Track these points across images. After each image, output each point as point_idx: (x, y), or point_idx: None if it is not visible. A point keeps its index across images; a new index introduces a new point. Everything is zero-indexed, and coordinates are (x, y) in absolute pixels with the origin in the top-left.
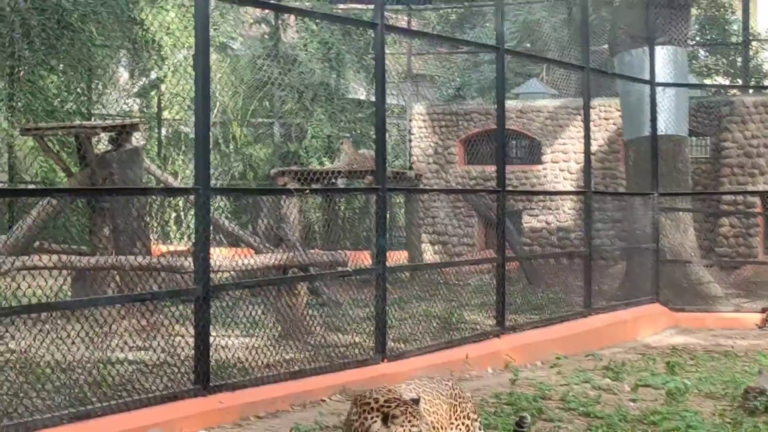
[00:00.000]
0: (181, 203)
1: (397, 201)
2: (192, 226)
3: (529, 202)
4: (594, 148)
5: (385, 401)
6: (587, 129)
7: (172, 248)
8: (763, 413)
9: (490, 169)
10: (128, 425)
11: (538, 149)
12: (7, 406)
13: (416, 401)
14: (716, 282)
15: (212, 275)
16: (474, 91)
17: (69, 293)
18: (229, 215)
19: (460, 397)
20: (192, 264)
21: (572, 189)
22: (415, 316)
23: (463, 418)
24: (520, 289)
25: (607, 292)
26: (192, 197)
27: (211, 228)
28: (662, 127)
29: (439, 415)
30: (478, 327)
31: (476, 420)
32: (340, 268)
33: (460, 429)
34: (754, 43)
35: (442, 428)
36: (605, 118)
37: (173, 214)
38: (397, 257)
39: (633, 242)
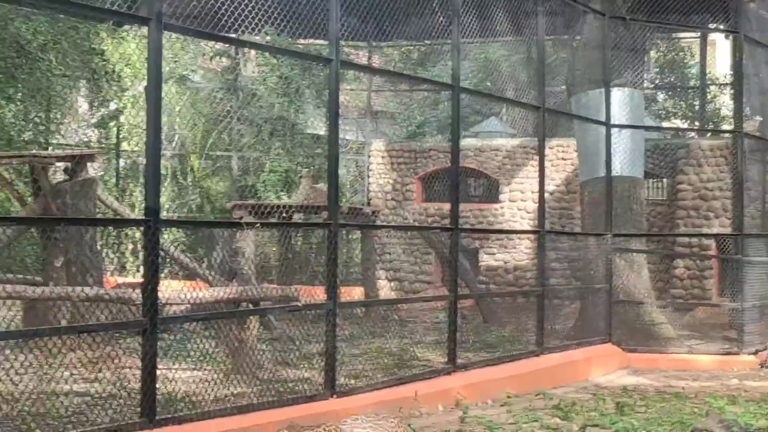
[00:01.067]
0: (138, 235)
1: (354, 237)
2: None
3: (486, 240)
4: (551, 188)
5: None
6: (542, 168)
7: (128, 280)
8: None
9: (448, 206)
10: None
11: (495, 188)
12: None
13: None
14: (669, 323)
15: (161, 308)
16: (433, 128)
17: (21, 323)
18: (185, 248)
19: None
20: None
21: (529, 228)
22: (368, 353)
23: None
24: (473, 327)
25: (561, 332)
26: (142, 228)
27: (166, 260)
28: (618, 169)
29: None
30: (430, 364)
31: None
32: (292, 303)
33: None
34: (711, 88)
35: None
36: (563, 158)
37: (130, 246)
38: (353, 293)
39: (587, 282)
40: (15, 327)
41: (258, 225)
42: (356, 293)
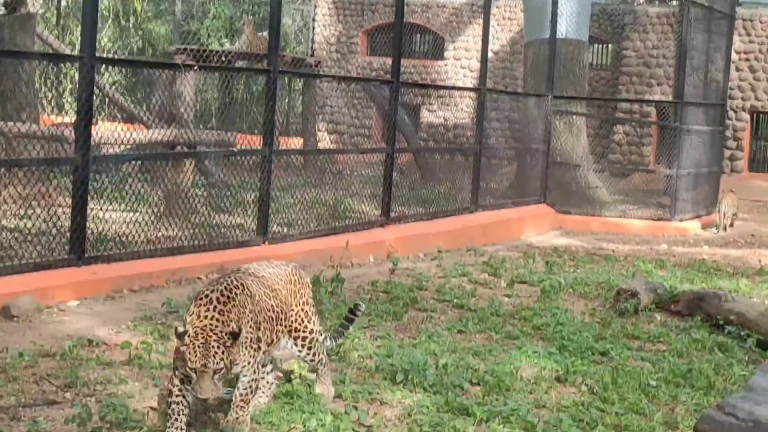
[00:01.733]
0: (76, 75)
1: (296, 88)
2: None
3: (428, 97)
4: (496, 47)
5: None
6: (486, 25)
7: (65, 120)
8: (633, 315)
9: (390, 61)
10: None
11: (441, 45)
12: None
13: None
14: (605, 188)
15: (95, 147)
16: None
17: None
18: (124, 91)
19: (299, 283)
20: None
21: (470, 86)
22: (303, 202)
23: (303, 304)
24: (410, 182)
25: (496, 191)
26: (77, 65)
27: (105, 101)
28: (563, 31)
29: (279, 300)
30: (364, 216)
31: (313, 306)
32: (228, 149)
33: (299, 315)
34: None
35: (281, 312)
36: (509, 18)
37: (69, 87)
38: (292, 144)
39: (525, 143)
40: None
41: (196, 68)
42: (295, 144)
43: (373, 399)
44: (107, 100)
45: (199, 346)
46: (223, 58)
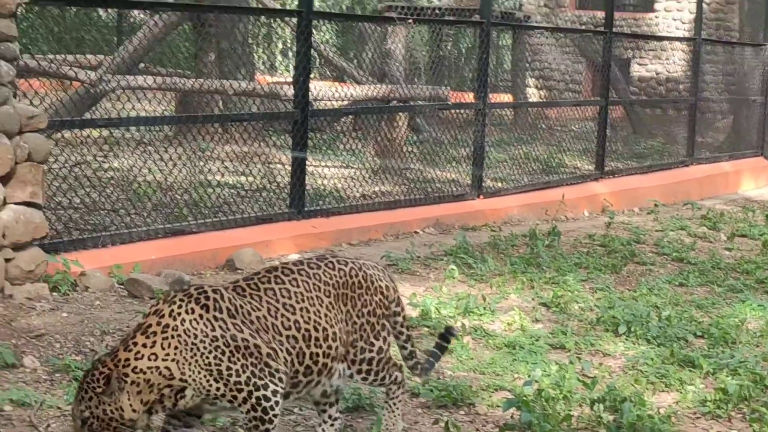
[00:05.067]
0: (288, 34)
1: (504, 43)
2: None
3: (639, 50)
4: None
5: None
6: None
7: (277, 80)
8: None
9: (601, 14)
10: (222, 243)
11: None
12: (105, 220)
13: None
14: None
15: (315, 103)
16: None
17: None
18: (335, 49)
19: (362, 287)
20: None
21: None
22: (515, 158)
23: (367, 315)
24: (622, 137)
25: (711, 144)
26: (295, 20)
27: (317, 59)
28: None
29: (312, 312)
30: (577, 171)
31: (396, 315)
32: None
33: (362, 332)
34: None
35: (316, 329)
36: None
37: (280, 46)
38: (501, 99)
39: (742, 94)
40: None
41: (410, 21)
42: (504, 100)
43: (596, 350)
44: (319, 58)
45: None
46: (433, 12)
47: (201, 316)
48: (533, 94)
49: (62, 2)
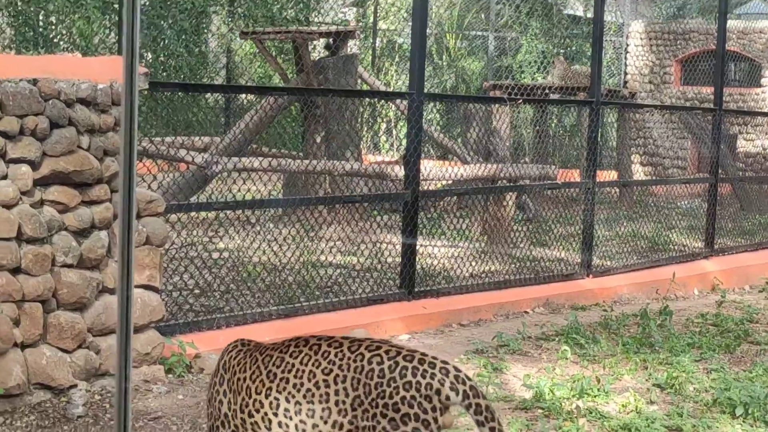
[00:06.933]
0: (391, 114)
1: (609, 120)
2: (401, 136)
3: (745, 126)
4: None
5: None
6: None
7: (381, 159)
8: None
9: (707, 90)
10: (334, 324)
11: (757, 72)
12: (219, 301)
13: None
14: None
15: (422, 182)
16: (694, 10)
17: (280, 197)
18: (439, 127)
19: (390, 373)
20: (402, 171)
21: None
22: (622, 236)
23: (383, 407)
24: (731, 213)
25: None
26: (405, 102)
27: (424, 138)
28: None
29: (322, 397)
30: (686, 249)
31: (414, 405)
32: (550, 182)
33: (379, 421)
34: None
35: (325, 413)
36: None
37: (383, 125)
38: (606, 177)
39: None
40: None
41: (521, 101)
42: (609, 177)
43: None
44: (426, 137)
45: None
46: (538, 92)
47: None
48: (638, 171)
49: (175, 88)
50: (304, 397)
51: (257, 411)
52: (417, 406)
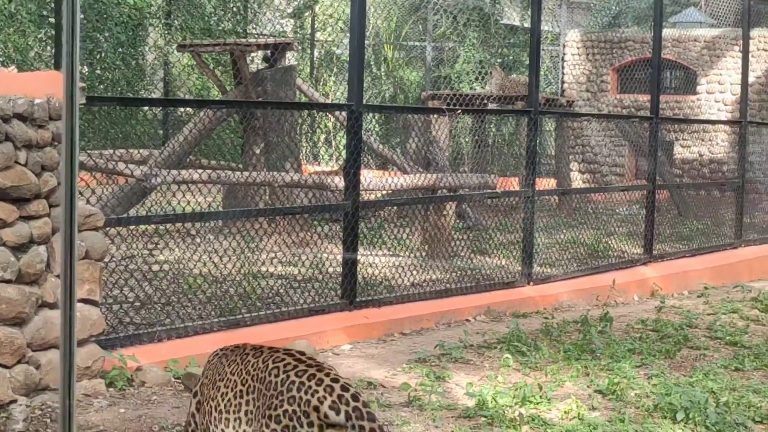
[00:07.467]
0: (330, 125)
1: (548, 129)
2: (341, 147)
3: (681, 132)
4: (751, 79)
5: None
6: (746, 56)
7: (321, 169)
8: None
9: (644, 98)
10: (276, 335)
11: (693, 79)
12: (160, 314)
13: None
14: None
15: (362, 193)
16: (629, 19)
17: (220, 209)
18: (378, 137)
19: (280, 387)
20: (342, 182)
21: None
22: (562, 243)
23: (269, 418)
24: (669, 219)
25: (759, 225)
26: (344, 113)
27: (363, 148)
28: None
29: (218, 402)
30: (625, 255)
31: (294, 419)
32: (489, 191)
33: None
34: None
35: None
36: (764, 49)
37: (323, 136)
38: (545, 185)
39: None
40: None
41: (459, 111)
42: (547, 185)
43: None
44: (363, 146)
45: None
46: (475, 102)
47: None
48: (576, 178)
49: (113, 102)
50: (225, 407)
51: (210, 414)
52: (296, 420)
